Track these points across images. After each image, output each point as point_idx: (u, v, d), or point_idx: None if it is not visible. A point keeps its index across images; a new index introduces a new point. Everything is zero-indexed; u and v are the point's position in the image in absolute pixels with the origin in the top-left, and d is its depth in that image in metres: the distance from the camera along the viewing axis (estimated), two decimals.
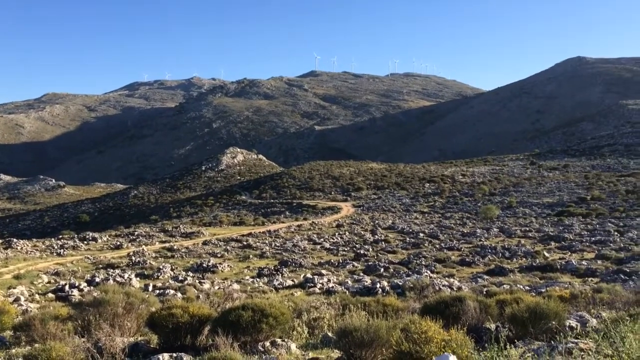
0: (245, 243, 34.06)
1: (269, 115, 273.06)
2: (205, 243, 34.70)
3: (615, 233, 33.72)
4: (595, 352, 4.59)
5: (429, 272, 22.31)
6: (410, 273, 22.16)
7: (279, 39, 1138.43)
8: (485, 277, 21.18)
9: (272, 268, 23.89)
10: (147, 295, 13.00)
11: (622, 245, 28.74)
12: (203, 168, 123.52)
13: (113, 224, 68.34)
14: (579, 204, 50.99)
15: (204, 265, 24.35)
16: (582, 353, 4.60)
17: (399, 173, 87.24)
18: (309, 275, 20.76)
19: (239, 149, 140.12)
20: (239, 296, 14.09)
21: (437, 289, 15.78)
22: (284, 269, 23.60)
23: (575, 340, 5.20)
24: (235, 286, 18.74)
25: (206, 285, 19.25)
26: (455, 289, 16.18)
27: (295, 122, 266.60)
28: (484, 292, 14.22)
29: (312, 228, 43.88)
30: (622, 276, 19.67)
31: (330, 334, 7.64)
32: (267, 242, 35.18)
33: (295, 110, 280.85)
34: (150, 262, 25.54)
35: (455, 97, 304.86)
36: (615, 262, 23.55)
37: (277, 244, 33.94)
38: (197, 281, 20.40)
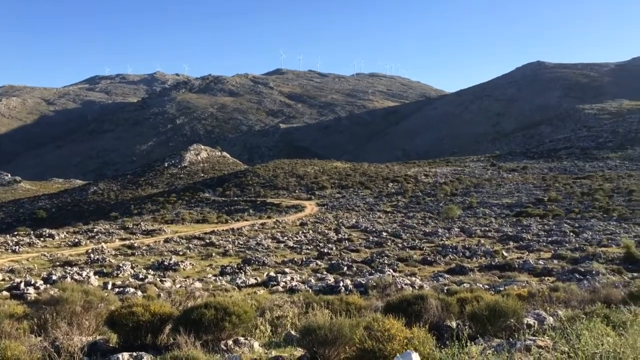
0: (208, 241, 33.70)
1: (233, 112, 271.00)
2: (167, 241, 34.19)
3: (571, 234, 34.76)
4: (552, 349, 4.72)
5: (391, 270, 22.54)
6: (373, 272, 22.33)
7: (245, 36, 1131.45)
8: (446, 275, 21.52)
9: (235, 266, 23.72)
10: (106, 294, 12.72)
11: (577, 245, 29.62)
12: (166, 165, 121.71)
13: (71, 221, 66.60)
14: (537, 205, 52.36)
15: (166, 263, 23.98)
16: (540, 350, 4.73)
17: (363, 172, 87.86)
18: (272, 274, 20.70)
19: (202, 146, 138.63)
20: (201, 294, 13.95)
21: (400, 287, 15.96)
22: (247, 267, 23.46)
23: (533, 338, 5.35)
24: (198, 284, 18.53)
25: (167, 284, 18.97)
26: (417, 288, 16.38)
27: (260, 120, 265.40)
28: (445, 291, 14.44)
29: (276, 226, 43.76)
30: (577, 275, 20.28)
31: (293, 332, 7.64)
32: (230, 240, 34.90)
33: (260, 108, 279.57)
34: (109, 260, 25.00)
35: (419, 98, 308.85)
36: (570, 262, 24.27)
37: (241, 242, 33.71)
38: (158, 279, 20.07)
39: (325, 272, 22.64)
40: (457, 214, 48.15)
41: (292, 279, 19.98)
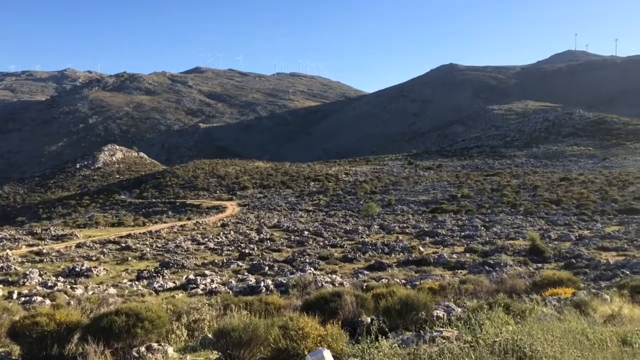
0: (123, 245, 32.48)
1: (151, 111, 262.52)
2: (79, 246, 32.60)
3: (482, 228, 36.50)
4: (456, 339, 4.95)
5: (312, 269, 22.71)
6: (294, 271, 22.40)
7: (163, 33, 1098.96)
8: (366, 272, 21.97)
9: (153, 270, 23.00)
10: (10, 304, 11.95)
11: (487, 239, 31.18)
12: (78, 166, 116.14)
13: None
14: (451, 201, 54.60)
15: (77, 269, 22.84)
16: (445, 340, 4.95)
17: (284, 172, 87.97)
18: (191, 277, 20.25)
19: (118, 146, 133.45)
20: (114, 301, 13.42)
21: (320, 285, 16.10)
22: (165, 271, 22.83)
23: (441, 329, 5.58)
24: (112, 290, 17.81)
25: (79, 291, 18.08)
26: (337, 285, 16.61)
27: (179, 120, 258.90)
28: (364, 287, 14.73)
29: (196, 228, 42.89)
30: (487, 267, 21.35)
31: (210, 336, 7.51)
32: (147, 243, 33.82)
33: (179, 107, 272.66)
34: (15, 268, 23.48)
35: (339, 98, 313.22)
36: (481, 255, 25.51)
37: (159, 245, 32.75)
38: (68, 287, 19.09)
39: (246, 273, 22.45)
40: (376, 212, 49.28)
41: (212, 281, 19.65)
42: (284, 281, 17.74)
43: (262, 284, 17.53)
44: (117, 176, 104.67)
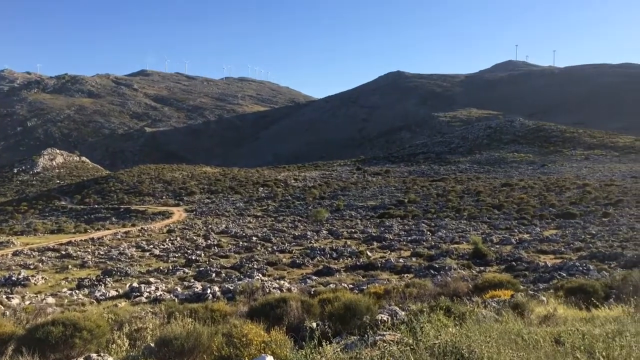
0: (64, 252, 31.29)
1: (93, 114, 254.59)
2: (15, 254, 31.18)
3: (428, 232, 37.27)
4: (398, 342, 5.04)
5: (260, 275, 22.57)
6: (242, 277, 22.19)
7: (106, 35, 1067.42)
8: (314, 277, 22.01)
9: (94, 278, 22.26)
10: None
11: (433, 243, 31.86)
12: (15, 171, 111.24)
13: None
14: (398, 206, 55.49)
15: (14, 278, 21.85)
16: (386, 344, 5.03)
17: (233, 177, 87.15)
18: (135, 285, 19.73)
19: (58, 150, 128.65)
20: (53, 310, 12.92)
21: (268, 291, 16.01)
22: (108, 279, 22.13)
23: (383, 333, 5.66)
24: (50, 300, 17.13)
25: (15, 301, 17.27)
26: (285, 291, 16.56)
27: (123, 123, 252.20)
28: (312, 292, 14.76)
29: (141, 234, 41.85)
30: (432, 271, 21.80)
31: (152, 345, 7.33)
32: (89, 250, 32.71)
33: (123, 111, 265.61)
34: None
35: (289, 104, 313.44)
36: (427, 259, 26.02)
37: (101, 253, 31.74)
38: (4, 296, 18.20)
39: (192, 280, 22.06)
40: (325, 217, 49.50)
41: (157, 288, 19.21)
42: (231, 288, 17.54)
43: (208, 290, 17.28)
44: (58, 181, 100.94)
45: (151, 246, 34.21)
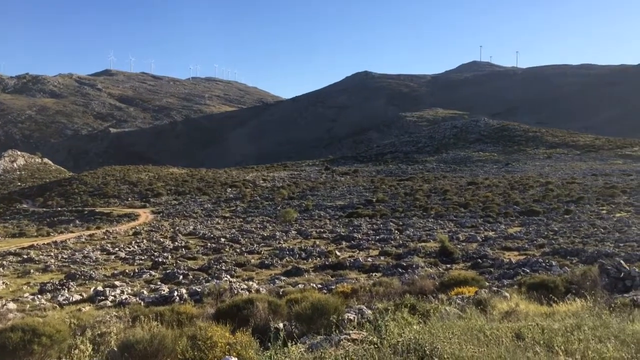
0: (25, 257, 30.42)
1: (56, 115, 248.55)
2: None
3: (396, 231, 37.59)
4: (362, 341, 5.07)
5: (228, 276, 22.39)
6: (210, 279, 21.98)
7: (69, 33, 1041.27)
8: (283, 278, 21.96)
9: (58, 282, 21.72)
10: None
11: (401, 242, 32.15)
12: None
13: None
14: (366, 205, 55.83)
15: None
16: (350, 343, 5.06)
17: (200, 178, 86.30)
18: (99, 288, 19.34)
19: (19, 152, 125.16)
20: (14, 316, 12.59)
21: (236, 293, 15.90)
22: (71, 283, 21.62)
23: (349, 332, 5.69)
24: (11, 305, 16.63)
25: None
26: (253, 292, 16.48)
27: (87, 124, 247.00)
28: (280, 293, 14.73)
29: (106, 237, 41.03)
30: (400, 270, 22.01)
31: (116, 349, 7.20)
32: (52, 254, 31.90)
33: (87, 111, 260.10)
34: None
35: (257, 104, 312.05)
36: (395, 258, 26.26)
37: (65, 256, 30.99)
38: None
39: (159, 283, 21.73)
40: (294, 217, 49.43)
41: (123, 292, 18.88)
42: (199, 290, 17.35)
43: (175, 293, 17.05)
44: (19, 184, 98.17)
45: (117, 249, 33.59)
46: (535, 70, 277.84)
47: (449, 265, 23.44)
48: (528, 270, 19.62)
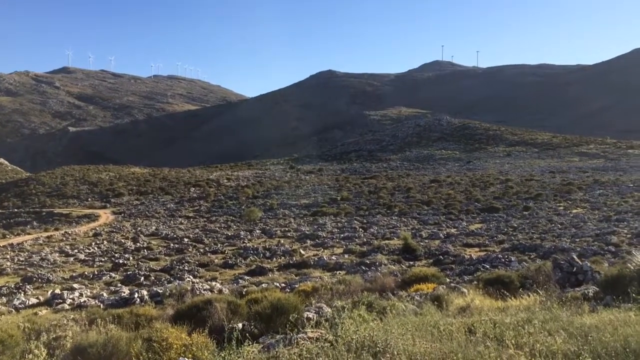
0: None
1: (12, 114, 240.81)
2: None
3: (360, 229, 37.85)
4: (317, 339, 5.11)
5: (191, 277, 22.15)
6: (172, 280, 21.72)
7: (25, 29, 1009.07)
8: (247, 277, 21.85)
9: (13, 286, 21.10)
10: None
11: (365, 240, 32.39)
12: None
13: None
14: (331, 204, 56.02)
15: None
16: (306, 342, 5.09)
17: (163, 178, 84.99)
18: (57, 291, 18.82)
19: None
20: None
21: (198, 293, 15.74)
22: (28, 286, 21.04)
23: (306, 331, 5.72)
24: None
25: None
26: (216, 292, 16.34)
27: (45, 123, 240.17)
28: (243, 293, 14.65)
29: (65, 239, 40.01)
30: (364, 267, 22.19)
31: (69, 353, 7.04)
32: (8, 257, 30.92)
33: (45, 110, 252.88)
34: None
35: (220, 102, 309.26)
36: (359, 255, 26.45)
37: (21, 259, 30.10)
38: None
39: (119, 285, 21.33)
40: (258, 216, 49.20)
41: (82, 294, 18.43)
42: (160, 291, 17.10)
43: (136, 295, 16.76)
44: None
45: (76, 251, 32.82)
46: (495, 70, 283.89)
47: (411, 263, 23.74)
48: (488, 266, 20.05)
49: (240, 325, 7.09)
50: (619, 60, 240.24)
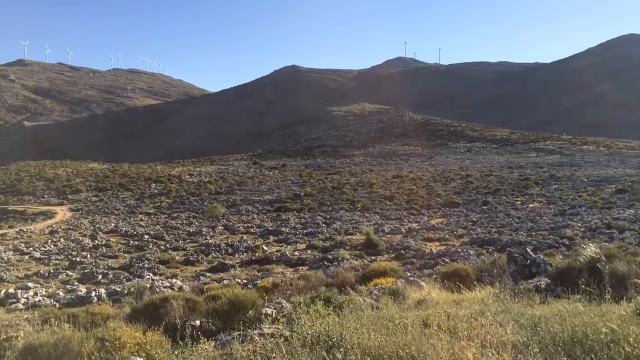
0: None
1: None
2: None
3: (323, 225, 37.96)
4: (271, 335, 5.12)
5: (151, 274, 21.87)
6: (131, 277, 21.40)
7: None
8: (208, 274, 21.70)
9: None
10: None
11: (328, 235, 32.54)
12: None
13: None
14: (295, 199, 55.97)
15: None
16: (261, 338, 5.10)
17: (123, 173, 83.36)
18: (11, 290, 18.29)
19: None
20: None
21: (158, 291, 15.53)
22: None
23: (262, 327, 5.72)
24: None
25: None
26: (176, 289, 16.16)
27: None
28: (204, 290, 14.52)
29: (19, 236, 38.80)
30: (326, 263, 22.31)
31: (19, 354, 6.84)
32: None
33: None
34: None
35: (182, 97, 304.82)
36: (322, 251, 26.57)
37: None
38: None
39: (76, 283, 20.89)
40: (221, 212, 48.78)
41: (36, 294, 17.97)
42: (119, 289, 16.83)
43: (93, 293, 16.46)
44: None
45: (31, 249, 31.88)
46: (455, 67, 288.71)
47: (373, 257, 23.98)
48: (447, 260, 20.43)
49: (197, 322, 7.03)
50: (574, 58, 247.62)
